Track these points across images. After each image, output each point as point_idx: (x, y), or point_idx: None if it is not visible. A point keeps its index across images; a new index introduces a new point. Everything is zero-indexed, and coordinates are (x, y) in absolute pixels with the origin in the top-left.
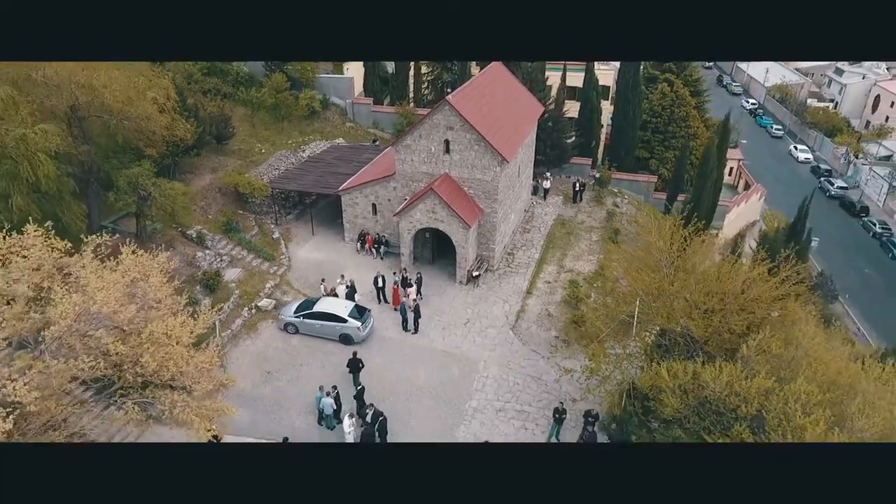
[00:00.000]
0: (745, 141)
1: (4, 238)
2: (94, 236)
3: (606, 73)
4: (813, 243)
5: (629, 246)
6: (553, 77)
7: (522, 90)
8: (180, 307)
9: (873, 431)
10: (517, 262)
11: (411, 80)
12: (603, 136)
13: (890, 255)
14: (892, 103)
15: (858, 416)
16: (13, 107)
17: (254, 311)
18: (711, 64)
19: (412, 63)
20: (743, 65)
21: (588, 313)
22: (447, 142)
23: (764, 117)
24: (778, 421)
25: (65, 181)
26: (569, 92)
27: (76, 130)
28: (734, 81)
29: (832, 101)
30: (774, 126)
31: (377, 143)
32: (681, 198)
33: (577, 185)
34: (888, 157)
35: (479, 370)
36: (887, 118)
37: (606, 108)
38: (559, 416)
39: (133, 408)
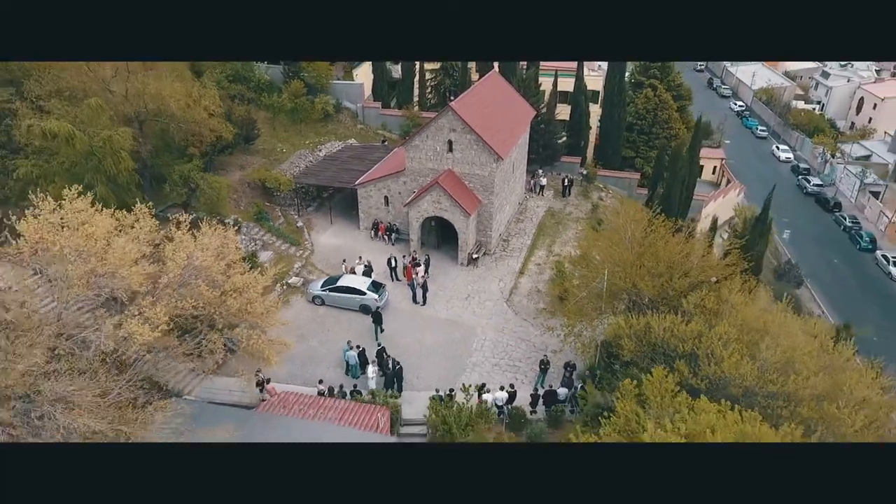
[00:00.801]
0: (728, 141)
1: (114, 213)
2: (179, 216)
3: (595, 78)
4: (785, 235)
5: (607, 232)
6: (546, 82)
7: (516, 96)
8: (248, 268)
9: (776, 360)
10: (511, 247)
11: (416, 86)
12: (592, 137)
13: (857, 246)
14: (875, 105)
15: (766, 350)
16: (99, 113)
17: (285, 287)
18: (703, 67)
19: (417, 69)
20: (732, 68)
21: (570, 287)
22: (450, 142)
23: (750, 119)
24: (707, 356)
25: (133, 175)
26: (560, 96)
27: (137, 132)
28: (724, 84)
29: (819, 102)
30: (759, 127)
31: (386, 143)
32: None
33: (566, 180)
34: (867, 157)
35: (478, 334)
36: (870, 119)
37: (595, 111)
38: (544, 366)
39: (219, 339)
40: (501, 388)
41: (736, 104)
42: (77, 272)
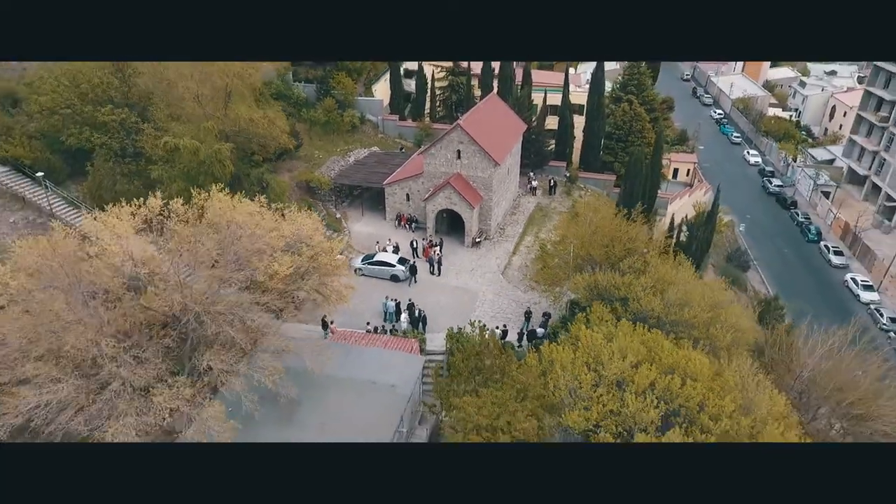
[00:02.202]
0: (702, 147)
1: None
2: (282, 204)
3: (580, 94)
4: (741, 227)
5: (576, 218)
6: (537, 97)
7: (511, 113)
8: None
9: (676, 299)
10: (506, 234)
11: (427, 100)
12: (577, 144)
13: (806, 238)
14: (845, 113)
15: (671, 294)
16: (209, 133)
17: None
18: (689, 76)
19: (428, 86)
20: (714, 78)
21: (548, 260)
22: (459, 151)
23: (727, 126)
24: (633, 298)
25: (229, 177)
26: (550, 109)
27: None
28: (706, 93)
29: (796, 110)
30: (734, 134)
31: (403, 150)
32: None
33: (551, 181)
34: (832, 161)
35: (479, 296)
36: (840, 126)
37: (580, 122)
38: (528, 315)
39: (314, 284)
40: (497, 328)
41: (716, 112)
42: (244, 233)
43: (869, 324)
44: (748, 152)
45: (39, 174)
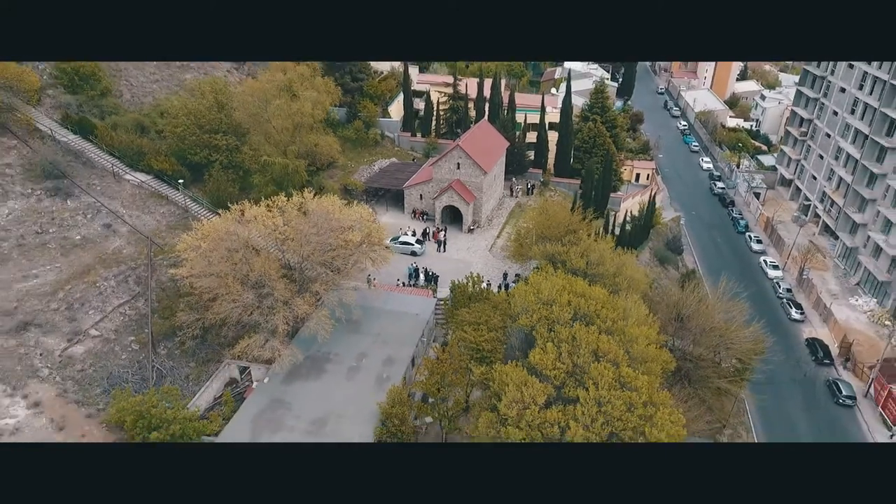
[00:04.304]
0: (661, 155)
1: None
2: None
3: (555, 114)
4: (682, 221)
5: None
6: (520, 117)
7: (497, 134)
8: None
9: (594, 259)
10: (493, 224)
11: (433, 119)
12: (551, 155)
13: (736, 230)
14: None
15: (591, 255)
16: (292, 153)
17: None
18: (663, 91)
19: (434, 109)
20: (684, 92)
21: (521, 240)
22: (458, 163)
23: (689, 136)
24: (569, 259)
25: (302, 182)
26: (531, 126)
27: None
28: (676, 106)
29: (756, 121)
30: (694, 143)
31: (415, 160)
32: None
33: (529, 184)
34: (774, 167)
35: (472, 265)
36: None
37: (553, 136)
38: (504, 276)
39: (367, 253)
40: (481, 281)
41: (681, 123)
42: (328, 217)
43: (771, 294)
44: (703, 159)
45: (181, 181)
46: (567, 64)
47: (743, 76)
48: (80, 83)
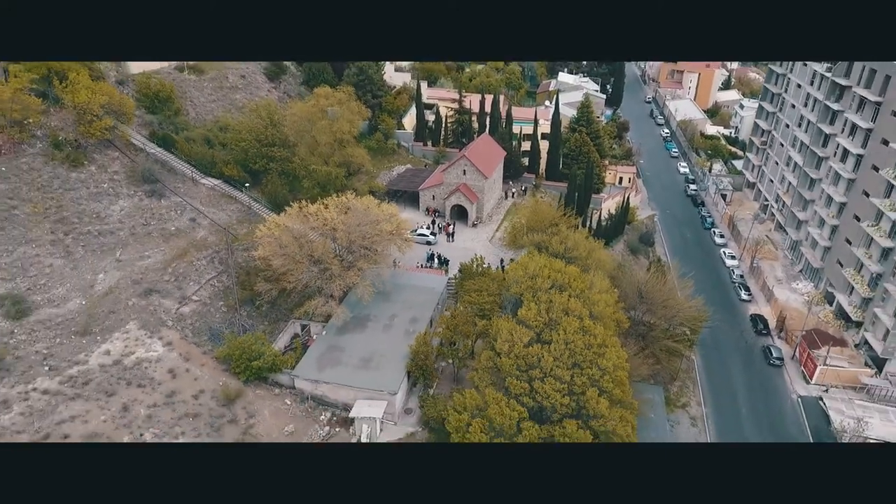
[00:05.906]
0: (642, 161)
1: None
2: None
3: (546, 125)
4: (656, 218)
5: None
6: (516, 128)
7: (496, 145)
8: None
9: (570, 245)
10: (493, 220)
11: (442, 130)
12: (543, 161)
13: (703, 226)
14: None
15: (568, 241)
16: (334, 163)
17: None
18: (650, 100)
19: (444, 120)
20: (669, 101)
21: (515, 233)
22: (464, 170)
23: (671, 143)
24: (550, 246)
25: (341, 186)
26: (525, 137)
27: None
28: (661, 115)
29: (735, 128)
30: (674, 149)
31: (427, 166)
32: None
33: (523, 187)
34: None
35: (476, 252)
36: None
37: (545, 145)
38: (501, 260)
39: (393, 240)
40: (483, 262)
41: (664, 131)
42: (367, 212)
43: (727, 279)
44: (680, 164)
45: (246, 185)
46: (560, 77)
47: (727, 85)
48: (158, 105)
